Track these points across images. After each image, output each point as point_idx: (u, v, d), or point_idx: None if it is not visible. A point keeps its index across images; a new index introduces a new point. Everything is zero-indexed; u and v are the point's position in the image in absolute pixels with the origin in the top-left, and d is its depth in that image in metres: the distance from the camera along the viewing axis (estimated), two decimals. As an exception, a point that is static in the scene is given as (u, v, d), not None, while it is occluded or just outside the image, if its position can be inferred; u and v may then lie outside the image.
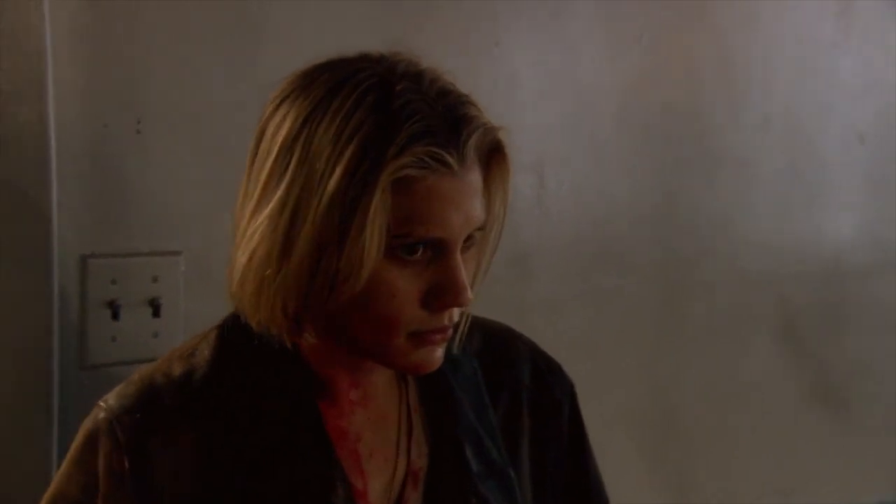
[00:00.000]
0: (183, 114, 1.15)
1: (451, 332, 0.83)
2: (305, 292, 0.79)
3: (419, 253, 0.80)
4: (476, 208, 0.81)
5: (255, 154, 0.83)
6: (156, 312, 1.14)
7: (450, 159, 0.78)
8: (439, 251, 0.80)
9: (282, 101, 0.82)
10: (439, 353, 0.84)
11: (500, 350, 0.98)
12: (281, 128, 0.80)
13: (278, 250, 0.79)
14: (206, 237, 1.17)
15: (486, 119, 0.81)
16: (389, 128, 0.76)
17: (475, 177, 0.81)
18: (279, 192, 0.78)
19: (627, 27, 1.58)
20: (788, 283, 1.81)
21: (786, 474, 1.84)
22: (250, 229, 0.81)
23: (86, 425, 0.88)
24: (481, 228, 0.84)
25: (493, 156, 0.83)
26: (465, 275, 0.81)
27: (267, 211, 0.79)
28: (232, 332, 0.89)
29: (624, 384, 1.60)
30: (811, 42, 1.82)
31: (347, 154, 0.76)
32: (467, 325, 0.89)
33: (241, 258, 0.81)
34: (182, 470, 0.85)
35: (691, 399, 1.68)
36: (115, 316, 1.12)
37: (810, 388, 1.86)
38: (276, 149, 0.79)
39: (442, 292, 0.80)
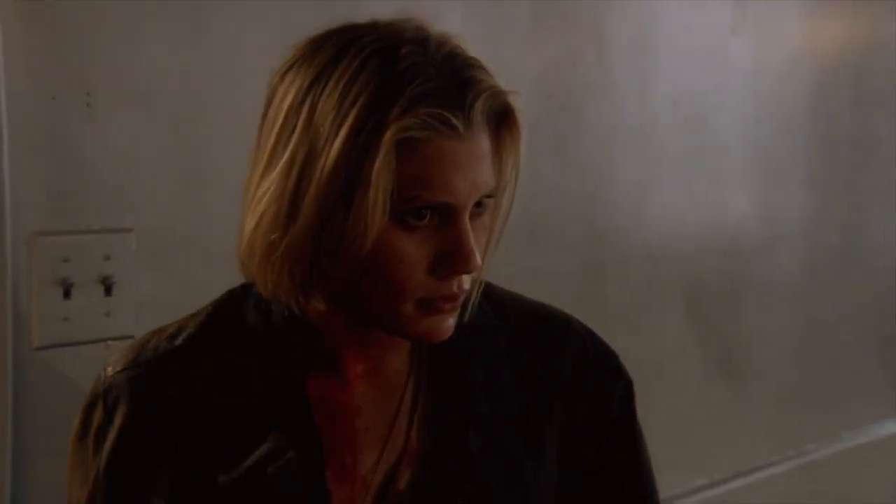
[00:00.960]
0: (133, 86, 1.13)
1: (461, 300, 0.83)
2: (312, 257, 0.79)
3: (426, 218, 0.79)
4: (484, 173, 0.80)
5: (263, 122, 0.82)
6: (108, 291, 1.12)
7: (455, 121, 0.77)
8: (447, 217, 0.80)
9: (288, 69, 0.81)
10: (450, 322, 0.83)
11: (542, 336, 0.95)
12: (287, 94, 0.79)
13: (284, 214, 0.78)
14: (158, 213, 1.15)
15: (495, 82, 0.80)
16: (393, 90, 0.76)
17: (482, 141, 0.80)
18: (285, 157, 0.78)
19: (549, 7, 1.62)
20: (694, 260, 1.90)
21: (690, 439, 1.93)
22: (258, 195, 0.80)
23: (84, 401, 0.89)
24: (491, 195, 0.83)
25: (503, 120, 0.82)
26: (472, 241, 0.80)
27: (273, 175, 0.79)
28: (235, 298, 0.90)
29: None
30: (713, 27, 1.90)
31: (351, 116, 0.76)
32: (479, 293, 0.88)
33: (249, 223, 0.80)
34: (168, 425, 0.86)
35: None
36: (67, 295, 1.09)
37: (713, 359, 1.97)
38: (282, 115, 0.79)
39: (449, 258, 0.80)
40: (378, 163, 0.75)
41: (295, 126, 0.78)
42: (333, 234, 0.78)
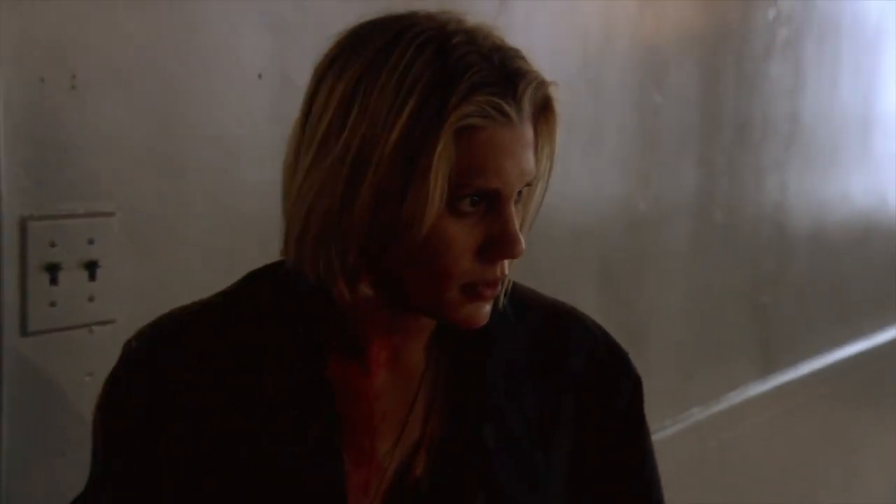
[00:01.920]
0: (118, 69, 1.11)
1: (500, 288, 0.86)
2: (366, 242, 0.81)
3: (475, 205, 0.82)
4: (530, 161, 0.84)
5: (308, 114, 0.83)
6: (92, 276, 1.10)
7: (509, 109, 0.80)
8: (494, 203, 0.82)
9: (333, 60, 0.83)
10: (487, 308, 0.86)
11: (555, 332, 0.98)
12: (337, 85, 0.81)
13: (340, 200, 0.80)
14: (139, 197, 1.14)
15: (539, 73, 0.84)
16: (450, 78, 0.78)
17: (529, 129, 0.83)
18: (339, 145, 0.79)
19: None
20: (605, 236, 2.01)
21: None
22: (307, 183, 0.81)
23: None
24: (529, 184, 0.86)
25: (543, 111, 0.85)
26: (517, 227, 0.83)
27: (328, 164, 0.80)
28: (258, 279, 0.92)
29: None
30: (608, 13, 2.00)
31: (410, 104, 0.78)
32: (510, 287, 0.92)
33: (300, 210, 0.82)
34: (189, 394, 0.88)
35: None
36: (54, 280, 1.07)
37: (620, 328, 2.08)
38: (332, 105, 0.80)
39: (496, 243, 0.82)
40: (439, 149, 0.78)
41: (348, 115, 0.79)
42: (388, 220, 0.80)
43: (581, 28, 1.89)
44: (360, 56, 0.81)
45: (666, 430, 2.27)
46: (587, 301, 1.96)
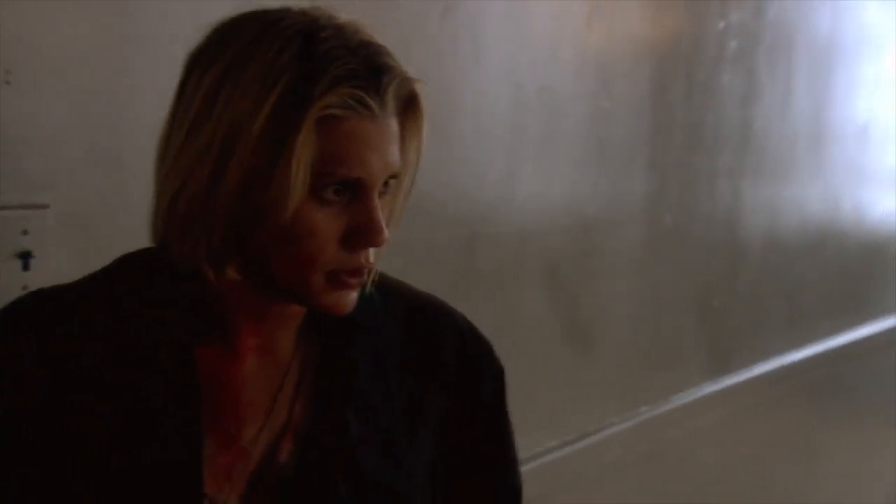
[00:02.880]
0: (51, 65, 1.14)
1: (365, 276, 0.89)
2: (232, 226, 0.84)
3: (339, 193, 0.85)
4: (394, 153, 0.87)
5: (179, 101, 0.86)
6: (25, 266, 1.13)
7: (371, 103, 0.84)
8: (358, 192, 0.85)
9: (205, 49, 0.87)
10: (353, 296, 0.89)
11: (425, 323, 1.00)
12: (206, 73, 0.84)
13: (206, 184, 0.83)
14: (75, 190, 1.17)
15: (404, 70, 0.87)
16: (315, 70, 0.82)
17: (393, 123, 0.86)
18: (207, 130, 0.83)
19: (430, 6, 1.71)
20: (554, 237, 2.05)
21: (544, 402, 2.09)
22: (176, 166, 0.84)
23: None
24: (395, 176, 0.89)
25: (409, 106, 0.89)
26: (381, 216, 0.86)
27: (195, 148, 0.83)
28: (129, 264, 0.94)
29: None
30: (560, 23, 2.05)
31: (275, 94, 0.81)
32: (376, 276, 0.94)
33: (167, 193, 0.85)
34: (50, 371, 0.88)
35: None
36: (-13, 269, 1.10)
37: (566, 328, 2.13)
38: (201, 92, 0.84)
39: (360, 232, 0.85)
40: (301, 137, 0.81)
41: (216, 102, 0.83)
42: (254, 203, 0.83)
43: (531, 35, 1.94)
44: (230, 46, 0.84)
45: (614, 427, 2.31)
46: (530, 298, 2.00)
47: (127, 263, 0.95)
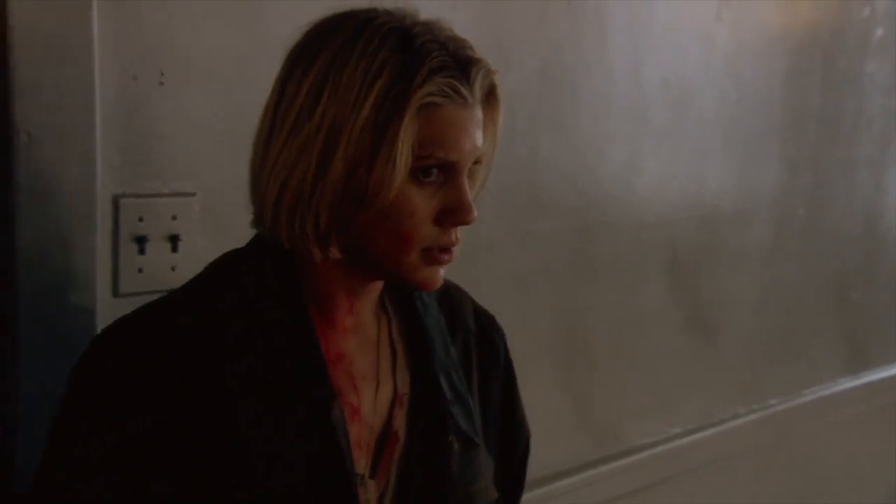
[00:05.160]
0: (199, 68, 1.27)
1: (453, 254, 0.96)
2: (337, 208, 0.90)
3: (434, 175, 0.92)
4: (480, 138, 0.95)
5: (281, 96, 0.93)
6: (174, 248, 1.27)
7: (465, 91, 0.91)
8: (450, 175, 0.93)
9: (303, 50, 0.94)
10: (441, 273, 0.97)
11: (452, 299, 1.11)
12: (309, 70, 0.91)
13: (314, 172, 0.89)
14: (217, 179, 1.30)
15: (487, 62, 0.94)
16: (413, 62, 0.88)
17: (479, 111, 0.94)
18: (312, 122, 0.89)
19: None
20: (675, 227, 2.07)
21: (665, 390, 2.12)
22: (283, 157, 0.91)
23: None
24: (478, 161, 0.97)
25: (490, 95, 0.96)
26: (470, 196, 0.94)
27: (301, 140, 0.89)
28: (237, 261, 1.00)
29: (545, 312, 1.83)
30: (699, 14, 2.06)
31: (378, 85, 0.88)
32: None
33: (276, 182, 0.92)
34: (174, 385, 0.91)
35: (597, 324, 1.93)
36: (142, 250, 1.24)
37: (688, 317, 2.15)
38: (305, 88, 0.91)
39: (453, 210, 0.93)
40: (405, 123, 0.88)
41: (321, 96, 0.89)
42: (359, 187, 0.89)
43: (655, 25, 1.96)
44: (330, 44, 0.91)
45: (741, 419, 2.31)
46: (651, 287, 2.04)
47: (222, 266, 1.02)
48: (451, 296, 1.12)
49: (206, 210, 1.30)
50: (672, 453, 2.10)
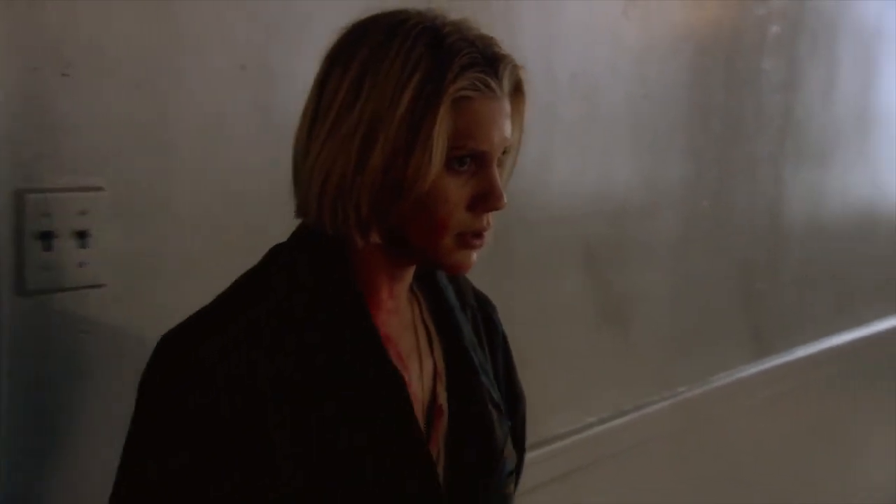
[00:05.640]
0: (108, 59, 1.24)
1: (485, 239, 1.03)
2: (377, 197, 0.96)
3: (467, 165, 0.98)
4: (509, 130, 1.01)
5: (320, 96, 0.99)
6: (83, 244, 1.24)
7: (494, 85, 0.98)
8: (482, 164, 0.99)
9: (340, 50, 1.00)
10: (474, 256, 1.04)
11: (457, 281, 1.18)
12: (347, 70, 0.97)
13: (354, 164, 0.96)
14: (129, 174, 1.27)
15: (514, 58, 1.01)
16: (445, 59, 0.95)
17: (507, 104, 1.01)
18: (352, 118, 0.95)
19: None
20: (587, 222, 2.10)
21: (582, 381, 2.15)
22: (324, 152, 0.97)
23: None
24: (506, 151, 1.03)
25: (516, 91, 1.03)
26: (501, 184, 1.00)
27: (342, 135, 0.96)
28: (287, 255, 1.04)
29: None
30: (607, 10, 2.10)
31: (413, 81, 0.94)
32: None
33: (320, 175, 0.98)
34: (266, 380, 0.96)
35: (515, 319, 1.93)
36: (48, 247, 1.20)
37: (602, 310, 2.18)
38: (344, 87, 0.97)
39: (485, 197, 0.99)
40: (439, 116, 0.94)
41: (360, 94, 0.96)
42: (395, 179, 0.95)
43: (564, 22, 1.99)
44: (365, 45, 0.98)
45: (654, 406, 2.36)
46: (566, 281, 2.06)
47: (273, 262, 1.05)
48: (455, 278, 1.18)
49: (116, 204, 1.26)
50: (590, 441, 2.14)
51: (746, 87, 2.56)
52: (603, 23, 2.08)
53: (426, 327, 1.11)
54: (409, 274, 1.08)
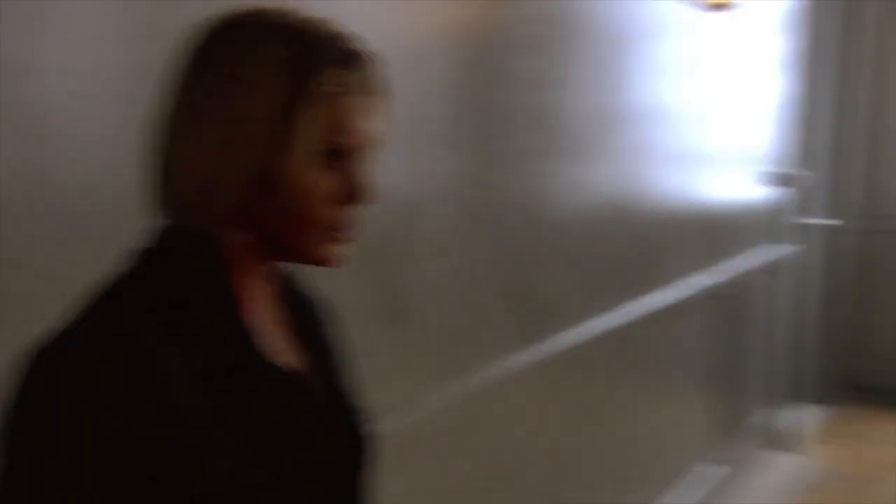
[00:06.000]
0: None
1: (352, 234, 1.04)
2: (245, 193, 0.98)
3: (333, 159, 1.00)
4: (374, 124, 1.03)
5: (182, 93, 0.98)
6: None
7: (358, 80, 1.01)
8: (349, 158, 1.02)
9: (202, 48, 0.99)
10: (343, 250, 1.06)
11: (296, 278, 1.20)
12: (209, 68, 0.98)
13: (222, 161, 0.96)
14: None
15: (376, 54, 1.04)
16: (310, 56, 0.98)
17: (371, 99, 1.03)
18: (216, 116, 0.96)
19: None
20: (369, 219, 2.09)
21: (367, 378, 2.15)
22: (188, 148, 0.97)
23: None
24: (371, 146, 1.05)
25: (378, 86, 1.05)
26: (369, 178, 1.03)
27: (207, 132, 0.96)
28: (155, 252, 1.01)
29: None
30: (366, 10, 2.10)
31: (278, 78, 0.96)
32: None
33: (184, 170, 0.97)
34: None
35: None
36: None
37: (383, 305, 2.21)
38: (206, 85, 0.97)
39: (353, 191, 1.02)
40: (305, 112, 0.97)
41: (222, 90, 0.96)
42: (264, 174, 0.97)
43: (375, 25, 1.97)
44: (227, 43, 0.99)
45: (427, 399, 2.41)
46: (351, 278, 2.06)
47: (146, 259, 1.02)
48: (294, 274, 1.20)
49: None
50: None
51: (509, 84, 2.65)
52: (379, 20, 2.08)
53: (291, 322, 1.13)
54: (277, 270, 1.11)
